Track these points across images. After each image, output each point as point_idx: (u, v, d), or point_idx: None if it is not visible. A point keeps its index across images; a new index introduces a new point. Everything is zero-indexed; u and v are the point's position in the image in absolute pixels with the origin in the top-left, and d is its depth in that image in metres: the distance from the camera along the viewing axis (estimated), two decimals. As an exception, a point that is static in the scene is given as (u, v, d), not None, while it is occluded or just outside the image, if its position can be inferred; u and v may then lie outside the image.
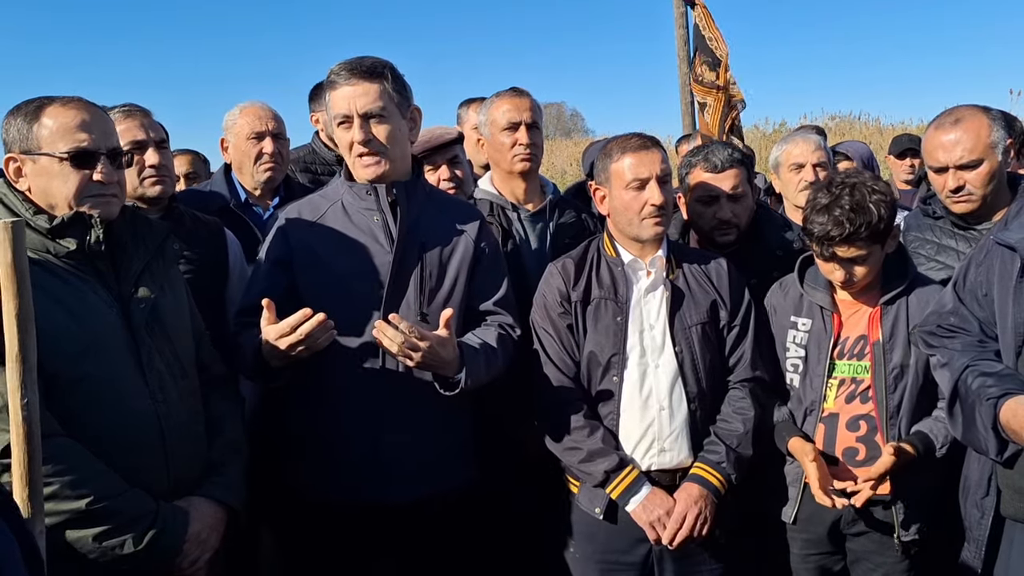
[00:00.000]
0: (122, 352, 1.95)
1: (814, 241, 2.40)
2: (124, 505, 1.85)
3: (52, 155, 1.92)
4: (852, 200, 2.33)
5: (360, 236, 2.31)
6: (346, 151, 2.32)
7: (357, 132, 2.24)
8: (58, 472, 1.77)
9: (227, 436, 2.17)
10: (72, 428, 1.84)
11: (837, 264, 2.40)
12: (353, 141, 2.26)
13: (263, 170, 3.24)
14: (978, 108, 2.63)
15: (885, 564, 2.45)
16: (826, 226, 2.33)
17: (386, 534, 2.30)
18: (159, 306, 2.05)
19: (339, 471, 2.27)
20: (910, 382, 2.40)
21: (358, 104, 2.23)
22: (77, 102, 1.97)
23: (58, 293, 1.89)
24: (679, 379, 2.41)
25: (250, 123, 3.24)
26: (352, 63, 2.27)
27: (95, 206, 1.95)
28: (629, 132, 2.54)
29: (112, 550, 1.83)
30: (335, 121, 2.29)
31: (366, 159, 2.27)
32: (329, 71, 2.30)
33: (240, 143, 3.26)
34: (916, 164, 5.04)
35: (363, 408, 2.26)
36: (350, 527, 2.29)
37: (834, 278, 2.45)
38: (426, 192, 2.46)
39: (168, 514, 1.93)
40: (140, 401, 1.95)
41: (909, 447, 2.33)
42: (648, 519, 2.34)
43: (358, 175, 2.34)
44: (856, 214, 2.31)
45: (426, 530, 2.32)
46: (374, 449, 2.26)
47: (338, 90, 2.27)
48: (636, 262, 2.48)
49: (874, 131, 18.72)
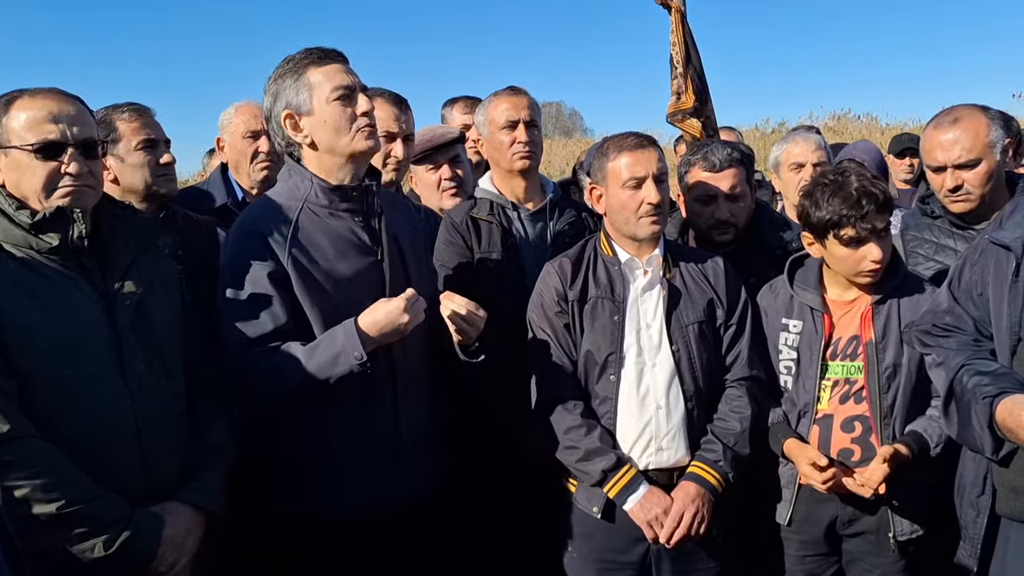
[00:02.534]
0: (103, 351, 1.91)
1: (850, 224, 2.33)
2: (96, 509, 1.82)
3: (21, 147, 1.89)
4: (857, 177, 2.38)
5: (340, 240, 2.23)
6: (348, 121, 2.21)
7: (362, 102, 2.21)
8: (31, 475, 1.74)
9: (209, 439, 2.12)
10: (47, 429, 1.81)
11: (875, 241, 2.35)
12: (359, 112, 2.21)
13: (259, 168, 3.24)
14: (976, 107, 2.63)
15: (881, 565, 2.45)
16: (859, 200, 2.32)
17: (386, 536, 2.26)
18: (146, 302, 2.02)
19: (339, 472, 2.23)
20: (903, 381, 2.40)
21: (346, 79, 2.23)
22: (48, 93, 1.94)
23: (37, 290, 1.86)
24: (676, 378, 2.42)
25: (245, 122, 3.24)
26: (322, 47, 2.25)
27: (66, 196, 1.91)
28: (625, 131, 2.55)
29: (84, 553, 1.79)
30: (332, 94, 2.19)
31: (366, 134, 2.23)
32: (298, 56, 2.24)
33: (236, 142, 3.26)
34: (915, 163, 5.05)
35: (365, 408, 2.24)
36: (349, 530, 2.24)
37: (872, 258, 2.36)
38: (384, 193, 2.44)
39: (142, 519, 1.89)
40: (118, 402, 1.91)
41: (904, 448, 2.33)
42: (646, 518, 2.34)
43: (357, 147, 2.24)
44: (873, 186, 2.36)
45: (427, 532, 2.31)
46: (375, 449, 2.24)
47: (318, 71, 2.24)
48: (633, 261, 2.49)
49: (875, 130, 18.71)
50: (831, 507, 2.46)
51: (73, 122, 1.94)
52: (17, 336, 1.81)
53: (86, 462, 1.84)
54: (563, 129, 34.42)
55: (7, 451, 1.73)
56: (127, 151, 2.65)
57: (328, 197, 2.24)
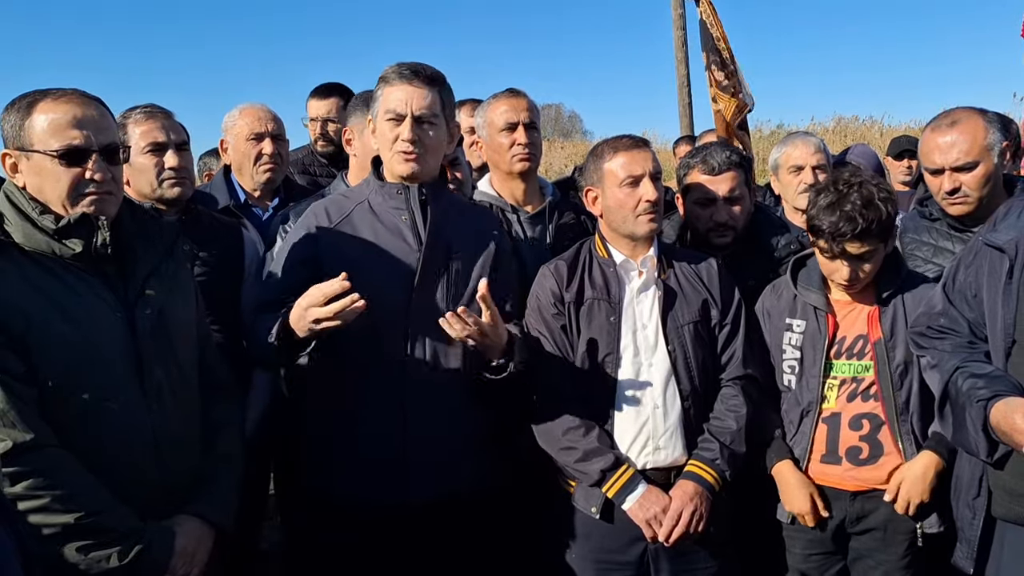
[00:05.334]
0: (122, 360, 1.90)
1: (824, 238, 2.39)
2: (113, 521, 1.83)
3: (44, 152, 1.86)
4: (861, 197, 2.35)
5: (387, 235, 2.32)
6: (387, 145, 2.32)
7: (407, 131, 2.27)
8: (49, 485, 1.75)
9: (222, 447, 2.13)
10: (66, 437, 1.81)
11: (844, 261, 2.39)
12: (399, 137, 2.29)
13: (263, 171, 3.25)
14: (974, 110, 2.64)
15: (887, 562, 2.46)
16: (838, 223, 2.33)
17: (404, 535, 2.29)
18: (165, 311, 2.00)
19: (361, 471, 2.27)
20: (916, 377, 2.41)
21: (414, 105, 2.28)
22: (71, 96, 1.90)
23: (57, 296, 1.84)
24: (672, 377, 2.43)
25: (249, 124, 3.25)
26: (415, 66, 2.33)
27: (91, 205, 1.89)
28: (619, 134, 2.56)
29: (98, 563, 1.80)
30: (385, 116, 2.31)
31: (407, 156, 2.29)
32: (387, 69, 2.34)
33: (239, 144, 3.27)
34: (913, 165, 5.05)
35: (387, 406, 2.27)
36: (368, 528, 2.28)
37: (839, 276, 2.44)
38: (448, 196, 2.50)
39: (155, 531, 1.90)
40: (137, 413, 1.91)
41: (936, 457, 2.37)
42: (644, 517, 2.35)
43: (395, 170, 2.34)
44: (867, 209, 2.33)
45: (442, 531, 2.32)
46: (396, 448, 2.27)
47: (396, 87, 2.30)
48: (628, 262, 2.50)
49: (877, 133, 18.70)
50: (839, 505, 2.48)
51: (97, 127, 1.90)
52: (37, 343, 1.80)
53: (103, 471, 1.84)
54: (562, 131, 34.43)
55: (29, 460, 1.74)
56: (135, 154, 2.64)
57: (384, 194, 2.37)
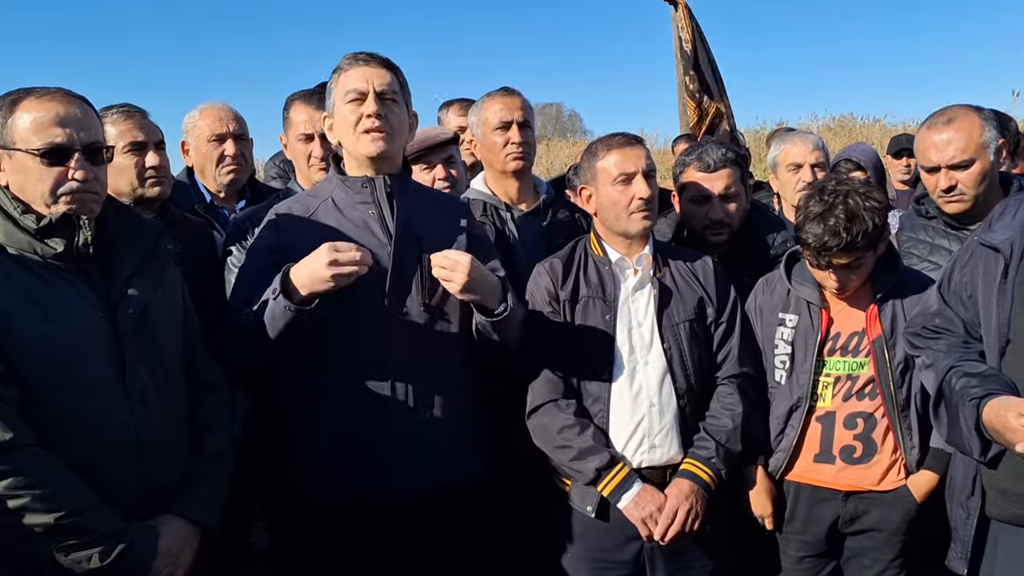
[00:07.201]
0: (104, 359, 1.88)
1: (809, 251, 2.39)
2: (94, 521, 1.81)
3: (26, 151, 1.84)
4: (846, 209, 2.32)
5: (355, 230, 2.28)
6: (350, 128, 2.28)
7: (371, 105, 2.23)
8: (29, 485, 1.73)
9: (209, 447, 2.11)
10: (47, 437, 1.79)
11: (831, 272, 2.40)
12: (363, 114, 2.24)
13: (226, 172, 3.19)
14: (970, 108, 2.63)
15: (881, 561, 2.46)
16: (822, 236, 2.32)
17: (393, 533, 2.27)
18: (149, 310, 1.99)
19: (341, 470, 2.24)
20: (916, 374, 2.39)
21: (375, 82, 2.26)
22: (55, 94, 1.89)
23: (38, 296, 1.83)
24: (668, 376, 2.43)
25: (210, 125, 3.18)
26: (368, 52, 2.31)
27: (72, 203, 1.88)
28: (612, 132, 2.56)
29: (79, 563, 1.79)
30: (345, 99, 2.26)
31: (374, 133, 2.25)
32: (342, 59, 2.33)
33: (201, 145, 3.19)
34: (912, 164, 5.06)
35: (366, 403, 2.23)
36: (356, 527, 2.25)
37: (827, 285, 2.45)
38: (414, 188, 2.46)
39: (138, 531, 1.88)
40: (119, 414, 1.89)
41: (931, 476, 2.41)
42: (640, 515, 2.35)
43: (362, 151, 2.28)
44: (852, 223, 2.30)
45: (431, 528, 2.29)
46: (377, 445, 2.24)
47: (353, 70, 2.28)
48: (623, 260, 2.50)
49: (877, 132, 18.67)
50: (832, 506, 2.47)
51: (80, 126, 1.89)
52: (17, 342, 1.79)
53: (84, 471, 1.82)
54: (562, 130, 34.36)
55: (8, 460, 1.73)
56: (115, 154, 2.60)
57: (347, 189, 2.34)
